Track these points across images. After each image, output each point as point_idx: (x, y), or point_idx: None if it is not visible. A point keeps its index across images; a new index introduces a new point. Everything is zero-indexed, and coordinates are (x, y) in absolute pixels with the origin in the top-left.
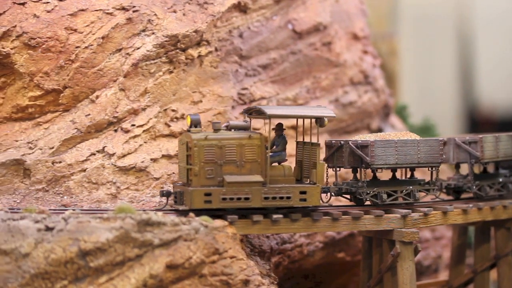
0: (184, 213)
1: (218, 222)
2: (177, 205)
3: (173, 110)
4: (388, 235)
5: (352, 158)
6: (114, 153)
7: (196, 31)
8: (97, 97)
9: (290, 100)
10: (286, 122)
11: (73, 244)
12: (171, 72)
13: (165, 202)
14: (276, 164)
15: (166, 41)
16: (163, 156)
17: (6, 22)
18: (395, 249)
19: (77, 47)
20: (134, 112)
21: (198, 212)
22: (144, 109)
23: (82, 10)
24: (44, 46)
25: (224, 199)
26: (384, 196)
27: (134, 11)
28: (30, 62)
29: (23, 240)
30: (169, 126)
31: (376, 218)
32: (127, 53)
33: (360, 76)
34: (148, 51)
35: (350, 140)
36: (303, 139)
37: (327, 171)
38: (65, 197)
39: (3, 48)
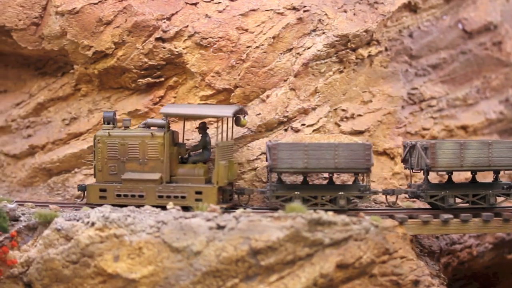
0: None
1: (389, 222)
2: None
3: (343, 110)
4: None
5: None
6: None
7: (366, 31)
8: (267, 96)
9: (460, 100)
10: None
11: (244, 243)
12: (341, 71)
13: (82, 196)
14: (201, 163)
15: (336, 40)
16: None
17: (178, 22)
18: None
19: (248, 46)
20: (304, 112)
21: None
22: (314, 109)
23: (253, 10)
24: (215, 46)
25: (118, 195)
26: (297, 201)
27: (304, 11)
28: (202, 61)
29: (195, 238)
30: (339, 125)
31: None
32: (298, 53)
33: None
34: (318, 50)
35: (268, 142)
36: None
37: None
38: (235, 196)
39: (175, 48)
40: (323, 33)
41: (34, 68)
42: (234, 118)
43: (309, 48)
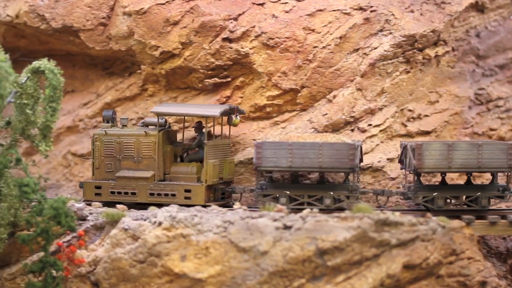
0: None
1: (456, 223)
2: None
3: (409, 110)
4: None
5: None
6: None
7: (433, 31)
8: (334, 96)
9: None
10: None
11: (310, 243)
12: (408, 72)
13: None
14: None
15: (403, 41)
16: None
17: (245, 23)
18: None
19: (315, 47)
20: (371, 112)
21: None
22: (380, 109)
23: (320, 10)
24: (282, 46)
25: (112, 192)
26: (283, 199)
27: (371, 11)
28: (269, 61)
29: (261, 238)
30: (405, 126)
31: None
32: (364, 53)
33: None
34: (385, 51)
35: (255, 141)
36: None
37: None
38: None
39: (242, 48)
40: (390, 33)
41: (101, 68)
42: (227, 117)
43: (375, 48)
